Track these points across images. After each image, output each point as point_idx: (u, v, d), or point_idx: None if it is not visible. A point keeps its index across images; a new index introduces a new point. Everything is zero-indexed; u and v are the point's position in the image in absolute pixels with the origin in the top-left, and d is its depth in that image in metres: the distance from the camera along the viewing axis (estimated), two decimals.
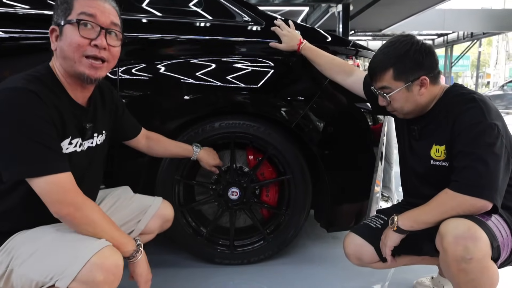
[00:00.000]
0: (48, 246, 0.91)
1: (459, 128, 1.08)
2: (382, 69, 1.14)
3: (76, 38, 0.93)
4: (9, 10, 1.44)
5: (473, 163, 1.04)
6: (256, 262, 1.69)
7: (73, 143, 1.00)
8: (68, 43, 0.94)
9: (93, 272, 0.86)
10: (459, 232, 1.00)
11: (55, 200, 0.90)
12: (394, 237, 1.15)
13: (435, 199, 1.10)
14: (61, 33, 0.95)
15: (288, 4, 9.10)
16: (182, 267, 1.67)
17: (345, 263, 1.44)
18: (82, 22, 0.93)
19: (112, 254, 0.91)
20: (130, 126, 1.31)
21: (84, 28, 0.94)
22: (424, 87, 1.13)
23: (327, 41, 1.64)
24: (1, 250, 0.94)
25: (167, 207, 1.32)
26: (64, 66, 0.97)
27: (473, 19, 14.52)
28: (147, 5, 1.56)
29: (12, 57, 1.44)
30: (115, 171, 1.47)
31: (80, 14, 0.94)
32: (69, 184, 0.92)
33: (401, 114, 1.21)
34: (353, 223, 1.65)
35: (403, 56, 1.11)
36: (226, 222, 1.71)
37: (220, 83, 1.49)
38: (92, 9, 0.95)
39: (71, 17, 0.94)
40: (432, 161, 1.17)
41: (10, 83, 0.90)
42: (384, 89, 1.17)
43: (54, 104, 0.93)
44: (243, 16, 1.58)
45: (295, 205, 1.63)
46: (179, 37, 1.53)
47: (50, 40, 0.97)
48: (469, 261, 0.98)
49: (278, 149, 1.56)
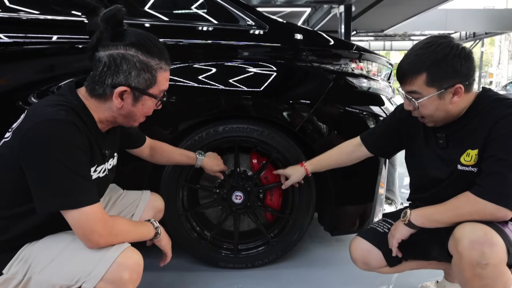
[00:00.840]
0: (68, 251, 0.94)
1: (496, 133, 1.02)
2: (414, 73, 1.04)
3: (151, 110, 1.04)
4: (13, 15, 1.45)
5: (503, 170, 1.00)
6: (260, 266, 1.69)
7: (97, 170, 1.03)
8: (144, 112, 1.03)
9: (119, 271, 0.91)
10: (475, 236, 0.98)
11: (89, 231, 0.90)
12: (403, 230, 1.13)
13: (453, 201, 1.06)
14: (137, 99, 0.99)
15: (290, 5, 9.12)
16: (187, 271, 1.67)
17: (349, 267, 1.43)
18: (162, 99, 1.04)
19: (134, 254, 0.96)
20: (135, 136, 1.33)
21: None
22: (458, 95, 1.05)
23: (330, 44, 1.64)
24: (16, 259, 0.94)
25: (156, 198, 1.36)
26: (119, 120, 1.03)
27: (475, 19, 14.48)
28: (150, 9, 1.57)
29: (15, 62, 1.45)
30: (119, 176, 1.47)
31: (161, 91, 1.03)
32: (100, 214, 0.92)
33: (431, 122, 1.12)
34: (357, 226, 1.65)
35: (440, 61, 1.02)
36: (230, 226, 1.71)
37: (224, 87, 1.49)
38: (167, 83, 1.05)
39: (154, 91, 1.00)
40: (459, 165, 1.10)
41: (48, 114, 0.89)
42: (413, 94, 1.07)
43: (87, 135, 0.95)
44: (247, 20, 1.58)
45: (299, 208, 1.63)
46: (182, 41, 1.53)
47: (114, 96, 0.96)
48: (485, 266, 0.96)
49: (282, 153, 1.55)
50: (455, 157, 1.11)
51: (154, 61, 0.97)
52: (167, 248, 1.18)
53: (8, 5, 1.46)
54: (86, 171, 0.93)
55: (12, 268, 0.93)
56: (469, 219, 1.03)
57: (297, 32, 1.64)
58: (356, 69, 1.68)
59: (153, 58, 0.97)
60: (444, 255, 1.13)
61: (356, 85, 1.61)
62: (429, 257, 1.26)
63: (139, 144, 1.35)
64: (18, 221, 0.94)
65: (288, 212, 1.68)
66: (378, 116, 1.60)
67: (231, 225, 1.70)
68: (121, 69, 0.94)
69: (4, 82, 1.44)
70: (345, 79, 1.60)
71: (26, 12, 1.47)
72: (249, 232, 1.77)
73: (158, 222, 1.13)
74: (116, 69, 0.94)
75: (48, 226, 0.97)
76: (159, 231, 1.12)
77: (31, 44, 1.44)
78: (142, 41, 0.96)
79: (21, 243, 0.96)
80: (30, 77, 1.45)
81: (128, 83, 0.96)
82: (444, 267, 1.33)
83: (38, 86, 1.43)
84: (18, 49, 1.45)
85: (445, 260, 1.17)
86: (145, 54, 0.96)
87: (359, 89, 1.62)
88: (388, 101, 1.73)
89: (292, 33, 1.64)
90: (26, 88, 1.43)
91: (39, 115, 0.89)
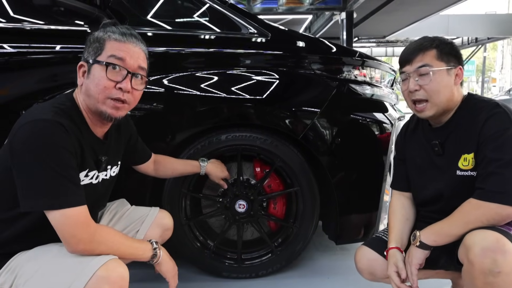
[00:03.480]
0: (51, 262, 0.92)
1: (486, 133, 1.04)
2: (425, 49, 1.11)
3: (103, 80, 0.97)
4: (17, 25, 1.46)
5: (500, 169, 1.00)
6: (264, 276, 1.66)
7: (89, 175, 1.02)
8: (95, 84, 0.97)
9: (99, 285, 0.86)
10: (487, 244, 0.96)
11: (69, 234, 0.90)
12: (418, 253, 1.11)
13: (457, 210, 1.06)
14: (89, 71, 0.98)
15: (292, 12, 9.15)
16: (189, 281, 1.65)
17: (354, 276, 1.41)
18: (111, 65, 0.97)
19: (117, 266, 0.91)
20: (141, 151, 1.33)
21: (112, 71, 0.97)
22: (459, 78, 1.12)
23: (332, 51, 1.64)
24: (5, 269, 0.94)
25: (165, 216, 1.32)
26: (87, 102, 1.00)
27: (477, 24, 14.47)
28: (153, 18, 1.57)
29: (19, 71, 1.45)
30: (121, 185, 1.46)
31: (110, 56, 0.97)
32: (83, 217, 0.92)
33: (433, 107, 1.12)
34: (362, 234, 1.63)
35: (445, 42, 1.12)
36: (234, 235, 1.69)
37: (226, 95, 1.49)
38: (122, 53, 0.98)
39: (101, 57, 0.97)
40: (458, 171, 1.11)
41: (38, 114, 0.91)
42: (424, 67, 1.10)
43: (77, 136, 0.95)
44: (249, 28, 1.58)
45: (303, 217, 1.61)
46: (184, 49, 1.53)
47: (77, 75, 0.99)
48: (497, 275, 0.94)
49: (285, 161, 1.54)
50: (453, 163, 1.12)
51: (106, 34, 0.99)
52: (168, 276, 1.12)
53: (12, 15, 1.47)
54: (72, 173, 0.91)
55: (1, 278, 0.93)
56: (478, 224, 1.02)
57: (299, 40, 1.63)
58: (359, 76, 1.67)
59: (107, 33, 0.99)
60: (452, 263, 1.11)
61: (359, 92, 1.61)
62: (437, 266, 1.24)
63: (145, 159, 1.35)
64: (14, 223, 0.94)
65: (292, 220, 1.66)
66: (382, 123, 1.59)
67: (234, 234, 1.68)
68: (85, 49, 1.00)
69: (8, 92, 1.44)
70: (348, 86, 1.59)
71: (30, 22, 1.48)
72: (253, 241, 1.76)
73: (159, 245, 1.08)
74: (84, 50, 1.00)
75: (40, 231, 0.95)
76: (158, 252, 1.06)
77: (35, 54, 1.45)
78: (111, 27, 1.01)
79: (13, 250, 0.95)
80: (33, 86, 1.45)
81: (84, 59, 0.99)
82: (452, 276, 1.30)
83: (42, 95, 1.43)
84: (22, 58, 1.45)
85: (453, 269, 1.15)
86: (104, 31, 0.99)
87: (362, 96, 1.61)
88: (391, 107, 1.71)
89: (294, 40, 1.63)
90: (30, 97, 1.43)
91: (28, 116, 0.91)
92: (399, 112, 1.84)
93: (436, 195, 1.18)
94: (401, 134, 1.34)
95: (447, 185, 1.14)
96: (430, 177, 1.19)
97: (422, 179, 1.23)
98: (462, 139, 1.11)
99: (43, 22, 1.50)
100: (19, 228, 0.95)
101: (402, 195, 1.32)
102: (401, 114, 1.83)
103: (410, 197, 1.31)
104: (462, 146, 1.11)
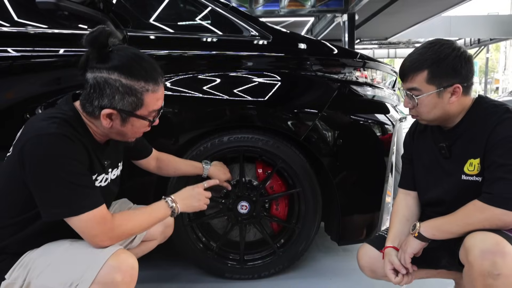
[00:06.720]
0: (63, 255, 0.95)
1: (494, 138, 1.03)
2: (416, 70, 1.08)
3: (144, 128, 1.04)
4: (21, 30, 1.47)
5: (508, 175, 0.99)
6: (267, 277, 1.67)
7: (98, 179, 1.04)
8: (135, 131, 1.03)
9: (111, 273, 0.91)
10: (486, 246, 0.96)
11: (90, 235, 0.94)
12: (414, 244, 1.11)
13: (461, 210, 1.06)
14: (125, 120, 0.99)
15: (294, 15, 9.17)
16: (192, 282, 1.66)
17: (357, 277, 1.41)
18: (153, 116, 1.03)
19: (127, 257, 0.96)
20: (141, 147, 1.34)
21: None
22: (456, 95, 1.07)
23: (334, 53, 1.65)
24: (17, 266, 0.96)
25: None
26: (112, 136, 1.04)
27: (479, 25, 14.46)
28: (155, 21, 1.59)
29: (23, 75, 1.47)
30: (125, 186, 1.47)
31: (151, 112, 1.02)
32: (98, 217, 0.94)
33: (425, 120, 1.14)
34: (364, 235, 1.63)
35: (441, 60, 1.05)
36: (236, 236, 1.70)
37: (228, 97, 1.50)
38: (159, 102, 1.03)
39: (142, 113, 1.00)
40: (464, 176, 1.10)
41: (43, 128, 0.91)
42: (414, 91, 1.10)
43: (83, 143, 0.96)
44: (250, 31, 1.59)
45: (305, 218, 1.62)
46: (187, 52, 1.54)
47: (101, 117, 0.97)
48: (497, 277, 0.94)
49: (287, 162, 1.55)
50: (459, 167, 1.11)
51: (139, 84, 0.96)
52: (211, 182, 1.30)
53: (16, 19, 1.49)
54: (85, 179, 0.94)
55: (14, 273, 0.95)
56: (480, 227, 1.01)
57: (301, 42, 1.64)
58: (360, 78, 1.68)
59: (138, 81, 0.96)
60: (454, 264, 1.11)
61: (361, 94, 1.61)
62: (439, 266, 1.24)
63: (144, 155, 1.35)
64: (23, 227, 0.97)
65: (294, 221, 1.66)
66: (384, 124, 1.59)
67: (237, 235, 1.69)
68: (105, 93, 0.95)
69: (12, 95, 1.46)
70: (350, 87, 1.60)
71: (33, 26, 1.50)
72: (255, 242, 1.76)
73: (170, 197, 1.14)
74: (100, 92, 0.95)
75: (48, 233, 0.99)
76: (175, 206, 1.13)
77: (39, 58, 1.47)
78: (126, 64, 0.95)
79: (23, 250, 0.98)
80: (37, 89, 1.47)
81: (113, 106, 0.96)
82: (454, 276, 1.30)
83: (46, 99, 1.45)
84: (25, 62, 1.47)
85: (455, 269, 1.15)
86: (128, 77, 0.95)
87: (363, 97, 1.62)
88: (393, 108, 1.72)
89: (296, 42, 1.65)
90: (34, 100, 1.45)
91: (33, 129, 0.92)
92: (401, 113, 1.85)
93: (440, 198, 1.18)
94: (409, 133, 1.33)
95: (451, 188, 1.14)
96: (436, 179, 1.19)
97: (428, 180, 1.22)
98: (470, 144, 1.10)
99: (46, 26, 1.52)
100: (28, 232, 0.97)
101: (408, 194, 1.31)
102: (403, 115, 1.83)
103: (416, 196, 1.30)
104: (469, 150, 1.09)
